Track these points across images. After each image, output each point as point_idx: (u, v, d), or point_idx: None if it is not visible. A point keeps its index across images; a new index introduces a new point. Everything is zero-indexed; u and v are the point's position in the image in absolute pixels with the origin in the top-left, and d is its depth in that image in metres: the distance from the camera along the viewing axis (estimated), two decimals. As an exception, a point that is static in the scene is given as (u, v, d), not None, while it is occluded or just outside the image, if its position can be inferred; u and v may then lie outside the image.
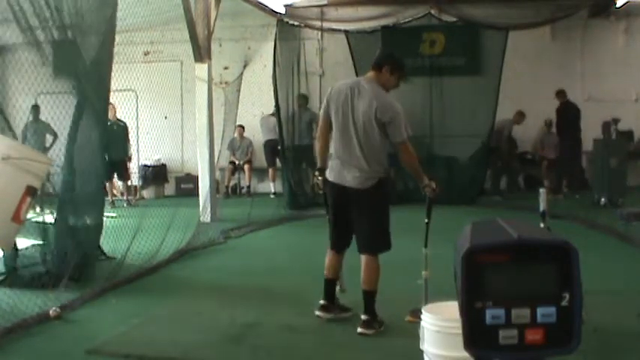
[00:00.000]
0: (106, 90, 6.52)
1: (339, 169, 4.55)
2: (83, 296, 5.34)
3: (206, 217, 9.58)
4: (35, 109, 7.00)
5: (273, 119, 12.07)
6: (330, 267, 4.75)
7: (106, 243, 6.90)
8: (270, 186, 13.01)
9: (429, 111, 12.22)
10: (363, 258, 4.54)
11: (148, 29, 10.70)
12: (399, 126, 4.42)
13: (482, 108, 11.70)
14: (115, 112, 11.46)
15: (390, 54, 4.95)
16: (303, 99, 12.19)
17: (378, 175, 4.50)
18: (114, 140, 11.42)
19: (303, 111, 12.17)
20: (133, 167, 12.59)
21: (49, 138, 7.64)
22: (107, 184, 11.72)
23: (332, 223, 4.72)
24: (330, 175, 4.61)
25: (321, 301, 4.78)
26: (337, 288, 4.85)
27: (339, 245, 4.73)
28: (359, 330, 4.47)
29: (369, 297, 4.51)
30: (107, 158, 11.20)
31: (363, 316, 4.51)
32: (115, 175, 12.06)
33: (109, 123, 11.04)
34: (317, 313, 4.75)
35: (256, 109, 13.10)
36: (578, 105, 11.74)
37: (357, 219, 4.54)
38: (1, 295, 5.35)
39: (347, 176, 4.50)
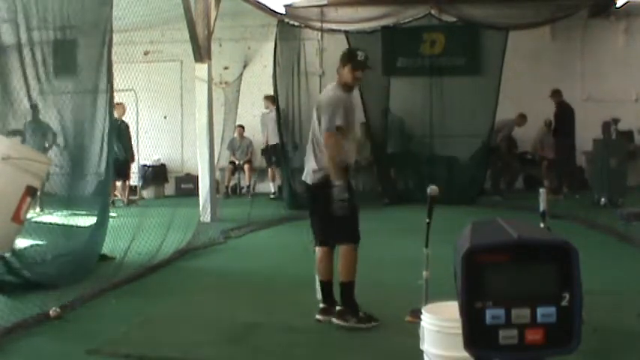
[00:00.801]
0: (105, 88, 6.53)
1: (305, 167, 4.78)
2: (83, 296, 5.34)
3: (206, 217, 9.57)
4: (34, 109, 7.00)
5: (271, 116, 12.10)
6: (321, 268, 4.75)
7: (106, 243, 6.91)
8: (270, 186, 13.01)
9: (429, 111, 12.22)
10: (340, 249, 4.61)
11: (148, 29, 10.71)
12: (326, 116, 4.50)
13: (483, 108, 11.70)
14: (124, 111, 11.49)
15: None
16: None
17: (326, 170, 4.56)
18: (118, 139, 11.42)
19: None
20: (133, 167, 12.56)
21: (49, 138, 7.64)
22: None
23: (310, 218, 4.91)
24: None
25: (321, 305, 4.78)
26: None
27: (317, 240, 4.78)
28: (332, 319, 4.53)
29: (344, 288, 4.55)
30: (120, 158, 11.34)
31: (337, 307, 4.53)
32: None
33: (117, 122, 11.10)
34: (317, 317, 4.75)
35: (256, 109, 13.10)
36: (578, 105, 11.74)
37: (315, 212, 4.71)
38: (1, 296, 5.35)
39: (305, 173, 4.74)
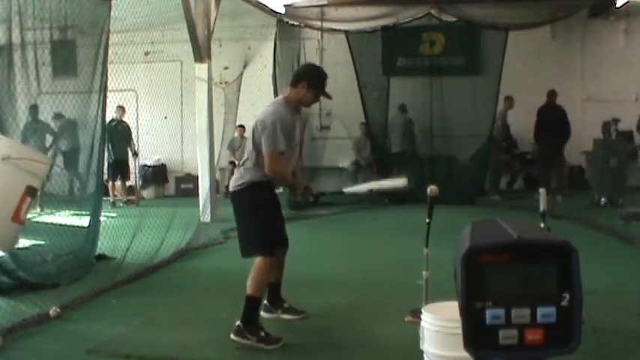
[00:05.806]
0: (99, 88, 6.53)
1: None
2: (83, 296, 5.34)
3: (206, 217, 9.58)
4: (33, 109, 7.01)
5: None
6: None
7: (106, 243, 6.90)
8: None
9: (429, 111, 12.23)
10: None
11: (148, 29, 10.71)
12: (266, 137, 4.36)
13: (483, 108, 11.70)
14: (124, 112, 11.55)
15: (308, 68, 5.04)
16: None
17: (248, 180, 4.44)
18: (118, 140, 11.47)
19: None
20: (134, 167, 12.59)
21: (48, 138, 7.65)
22: (110, 184, 11.74)
23: None
24: None
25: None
26: None
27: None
28: (231, 335, 4.32)
29: (246, 302, 4.35)
30: (112, 158, 11.40)
31: (236, 323, 4.32)
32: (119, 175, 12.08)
33: (113, 123, 11.16)
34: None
35: (256, 109, 13.01)
36: (578, 105, 11.74)
37: (236, 221, 4.65)
38: (1, 296, 5.35)
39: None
